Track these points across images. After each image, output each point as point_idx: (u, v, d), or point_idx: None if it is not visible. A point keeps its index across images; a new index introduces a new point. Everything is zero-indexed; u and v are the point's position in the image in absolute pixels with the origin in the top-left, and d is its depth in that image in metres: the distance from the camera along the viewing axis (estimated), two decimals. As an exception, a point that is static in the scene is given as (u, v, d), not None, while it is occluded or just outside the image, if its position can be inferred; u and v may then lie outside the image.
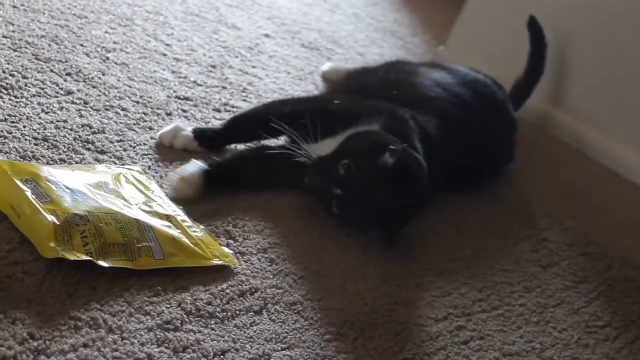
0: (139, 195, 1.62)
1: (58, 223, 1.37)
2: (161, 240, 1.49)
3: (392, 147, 1.70)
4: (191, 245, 1.53)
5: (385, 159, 1.69)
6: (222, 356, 1.33)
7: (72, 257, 1.34)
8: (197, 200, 1.71)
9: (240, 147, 1.98)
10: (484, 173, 2.26)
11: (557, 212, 2.31)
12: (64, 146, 1.72)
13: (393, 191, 1.71)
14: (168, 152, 1.85)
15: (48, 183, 1.46)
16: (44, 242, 1.35)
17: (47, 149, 1.69)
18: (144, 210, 1.56)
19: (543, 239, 2.11)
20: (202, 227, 1.62)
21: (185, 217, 1.62)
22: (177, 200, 1.67)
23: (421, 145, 1.87)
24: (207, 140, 1.91)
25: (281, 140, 1.96)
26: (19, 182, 1.44)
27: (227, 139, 1.95)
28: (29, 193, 1.42)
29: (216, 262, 1.54)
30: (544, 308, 1.81)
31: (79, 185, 1.51)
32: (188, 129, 1.91)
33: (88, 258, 1.36)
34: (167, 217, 1.58)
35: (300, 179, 1.78)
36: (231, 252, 1.59)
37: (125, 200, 1.56)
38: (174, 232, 1.53)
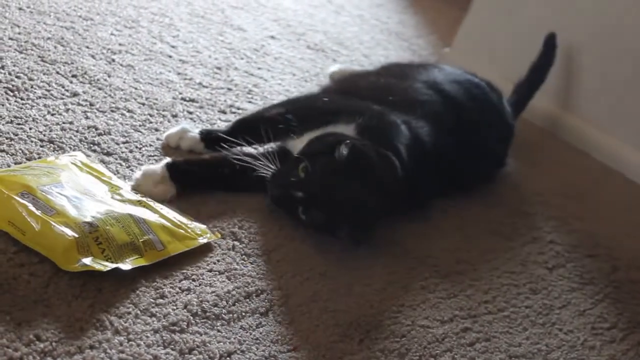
0: (101, 184, 1.60)
1: (77, 236, 1.36)
2: (156, 231, 1.50)
3: (347, 141, 1.70)
4: (175, 228, 1.54)
5: (341, 151, 1.68)
6: (228, 358, 1.33)
7: (101, 269, 1.35)
8: (204, 201, 1.72)
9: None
10: (473, 177, 2.21)
11: (563, 214, 2.30)
12: (70, 148, 1.72)
13: (353, 184, 1.69)
14: (174, 153, 1.85)
15: (44, 193, 1.43)
16: (63, 255, 1.34)
17: (54, 151, 1.69)
18: (118, 201, 1.56)
19: (549, 241, 2.11)
20: (167, 204, 1.64)
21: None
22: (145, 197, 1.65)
23: (411, 149, 1.86)
24: (213, 142, 1.90)
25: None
26: (18, 198, 1.40)
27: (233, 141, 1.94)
28: (32, 207, 1.39)
29: (201, 240, 1.57)
30: (550, 310, 1.81)
31: (69, 189, 1.49)
32: (195, 130, 1.91)
33: (114, 265, 1.37)
34: (140, 203, 1.58)
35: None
36: (204, 226, 1.61)
37: (97, 193, 1.55)
38: (157, 218, 1.54)
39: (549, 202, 2.37)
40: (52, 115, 1.81)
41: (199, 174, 1.78)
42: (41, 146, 1.69)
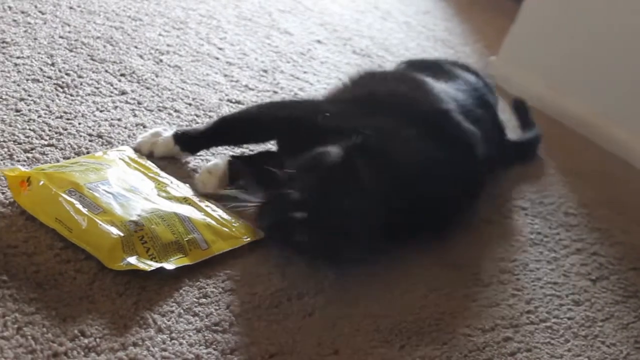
0: (148, 181, 1.61)
1: (123, 235, 1.37)
2: (201, 229, 1.51)
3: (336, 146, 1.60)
4: (220, 227, 1.55)
5: (330, 162, 1.57)
6: (269, 359, 1.33)
7: (146, 268, 1.36)
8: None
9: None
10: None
11: (608, 226, 2.28)
12: (119, 142, 1.74)
13: (347, 195, 1.55)
14: (219, 153, 1.86)
15: (90, 191, 1.45)
16: (108, 254, 1.35)
17: (102, 146, 1.71)
18: (164, 198, 1.57)
19: (593, 253, 2.09)
20: (213, 201, 1.64)
21: (196, 195, 1.64)
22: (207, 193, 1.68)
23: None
24: (191, 144, 1.81)
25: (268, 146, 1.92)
26: (65, 195, 1.41)
27: (212, 142, 1.86)
28: (78, 205, 1.40)
29: (246, 239, 1.57)
30: (592, 322, 1.79)
31: (116, 187, 1.51)
32: (168, 132, 1.80)
33: (159, 265, 1.38)
34: (186, 200, 1.59)
35: None
36: (250, 224, 1.61)
37: (144, 190, 1.56)
38: (202, 216, 1.56)
39: (592, 213, 2.35)
40: (101, 111, 1.83)
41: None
42: (90, 141, 1.71)
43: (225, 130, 1.83)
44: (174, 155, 1.77)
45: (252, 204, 1.60)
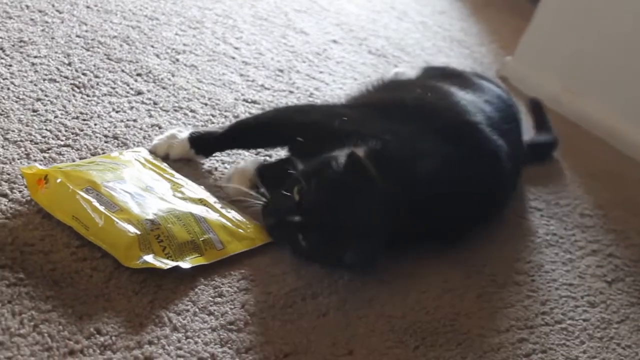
0: (164, 181, 1.61)
1: (139, 233, 1.38)
2: (216, 230, 1.51)
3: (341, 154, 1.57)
4: (235, 228, 1.56)
5: (339, 162, 1.55)
6: (284, 359, 1.34)
7: (162, 266, 1.37)
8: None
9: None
10: None
11: (623, 227, 2.27)
12: (134, 144, 1.74)
13: (354, 198, 1.54)
14: (234, 153, 1.86)
15: (107, 189, 1.45)
16: (124, 252, 1.36)
17: (117, 147, 1.71)
18: (180, 198, 1.57)
19: (609, 254, 2.09)
20: (227, 202, 1.65)
21: (212, 196, 1.64)
22: (237, 195, 1.68)
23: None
24: (206, 147, 1.80)
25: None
26: (82, 193, 1.42)
27: (228, 145, 1.84)
28: (95, 203, 1.40)
29: (260, 242, 1.57)
30: (608, 324, 1.79)
31: (132, 186, 1.51)
32: (184, 133, 1.79)
33: (175, 264, 1.39)
34: (201, 201, 1.59)
35: None
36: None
37: (159, 190, 1.57)
38: (217, 217, 1.56)
39: (608, 214, 2.34)
40: (117, 112, 1.83)
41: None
42: (105, 142, 1.71)
43: (242, 134, 1.83)
44: (189, 157, 1.78)
45: (257, 202, 1.62)
